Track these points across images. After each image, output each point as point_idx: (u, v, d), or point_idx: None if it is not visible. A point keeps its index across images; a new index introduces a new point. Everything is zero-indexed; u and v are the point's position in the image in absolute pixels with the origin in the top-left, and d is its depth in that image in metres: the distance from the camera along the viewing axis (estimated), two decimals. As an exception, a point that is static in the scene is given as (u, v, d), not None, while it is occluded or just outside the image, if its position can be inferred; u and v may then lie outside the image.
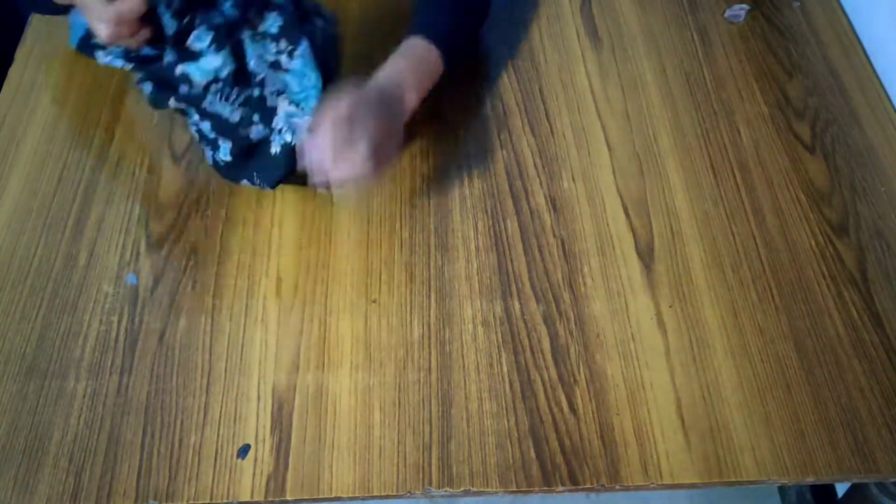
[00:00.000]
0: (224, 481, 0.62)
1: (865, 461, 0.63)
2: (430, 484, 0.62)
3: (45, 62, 0.88)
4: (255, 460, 0.63)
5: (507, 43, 0.91)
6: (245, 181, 0.76)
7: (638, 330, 0.69)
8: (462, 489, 0.62)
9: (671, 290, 0.72)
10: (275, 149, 0.72)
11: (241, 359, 0.68)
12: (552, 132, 0.83)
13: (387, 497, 0.62)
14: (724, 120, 0.84)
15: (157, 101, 0.72)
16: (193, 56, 0.69)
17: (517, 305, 0.71)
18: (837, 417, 0.65)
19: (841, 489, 1.05)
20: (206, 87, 0.70)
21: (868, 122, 0.83)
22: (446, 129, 0.83)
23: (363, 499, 0.62)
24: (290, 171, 0.73)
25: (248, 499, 0.62)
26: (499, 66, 0.89)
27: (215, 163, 0.75)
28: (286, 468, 0.63)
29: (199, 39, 0.69)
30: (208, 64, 0.69)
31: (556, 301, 0.71)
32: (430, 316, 0.70)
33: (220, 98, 0.71)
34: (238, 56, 0.71)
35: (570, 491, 0.62)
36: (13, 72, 0.88)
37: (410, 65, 0.74)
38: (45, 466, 0.63)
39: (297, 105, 0.72)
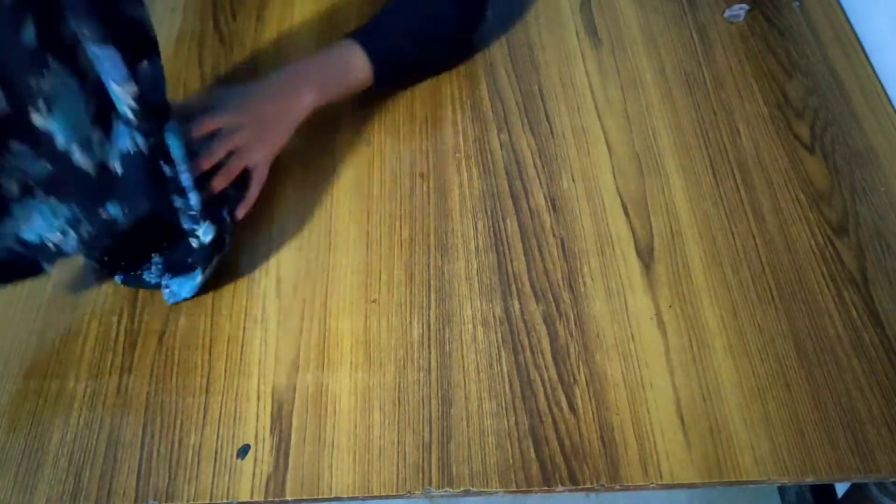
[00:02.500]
0: (224, 481, 0.62)
1: (865, 461, 0.63)
2: (430, 484, 0.62)
3: (44, 62, 0.88)
4: (255, 460, 0.63)
5: (506, 43, 0.91)
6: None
7: (638, 330, 0.69)
8: (462, 489, 0.62)
9: (671, 290, 0.72)
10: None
11: (240, 359, 0.68)
12: (552, 132, 0.83)
13: (387, 497, 0.62)
14: (723, 120, 0.84)
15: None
16: None
17: (517, 305, 0.71)
18: (837, 417, 0.65)
19: (841, 489, 1.05)
20: None
21: (868, 122, 0.83)
22: (446, 129, 0.83)
23: (363, 499, 0.62)
24: None
25: (247, 499, 0.62)
26: (498, 66, 0.89)
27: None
28: (286, 468, 0.63)
29: None
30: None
31: (555, 301, 0.71)
32: (429, 316, 0.70)
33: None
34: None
35: (570, 491, 0.62)
36: (13, 72, 0.88)
37: (321, 63, 0.74)
38: (44, 466, 0.63)
39: None
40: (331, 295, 0.72)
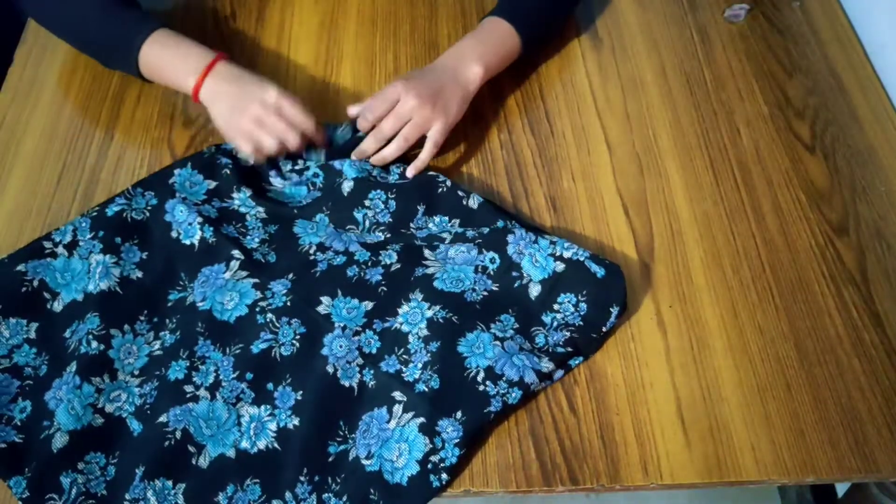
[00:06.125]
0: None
1: (865, 461, 0.62)
2: (430, 484, 0.62)
3: (45, 62, 0.88)
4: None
5: (506, 43, 0.91)
6: None
7: (638, 330, 0.69)
8: (462, 489, 0.62)
9: (671, 290, 0.72)
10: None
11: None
12: (552, 132, 0.83)
13: (387, 497, 0.62)
14: (723, 120, 0.84)
15: None
16: None
17: (517, 305, 0.71)
18: (837, 417, 0.65)
19: (841, 489, 1.05)
20: None
21: (868, 122, 0.83)
22: (446, 128, 0.83)
23: (363, 499, 0.62)
24: None
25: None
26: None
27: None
28: (286, 468, 0.63)
29: None
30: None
31: (556, 301, 0.71)
32: (430, 316, 0.70)
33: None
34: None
35: (570, 491, 0.62)
36: (13, 72, 0.88)
37: (478, 40, 0.80)
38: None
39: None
40: (331, 295, 0.72)
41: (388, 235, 0.73)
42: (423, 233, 0.73)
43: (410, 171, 0.76)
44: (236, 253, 0.70)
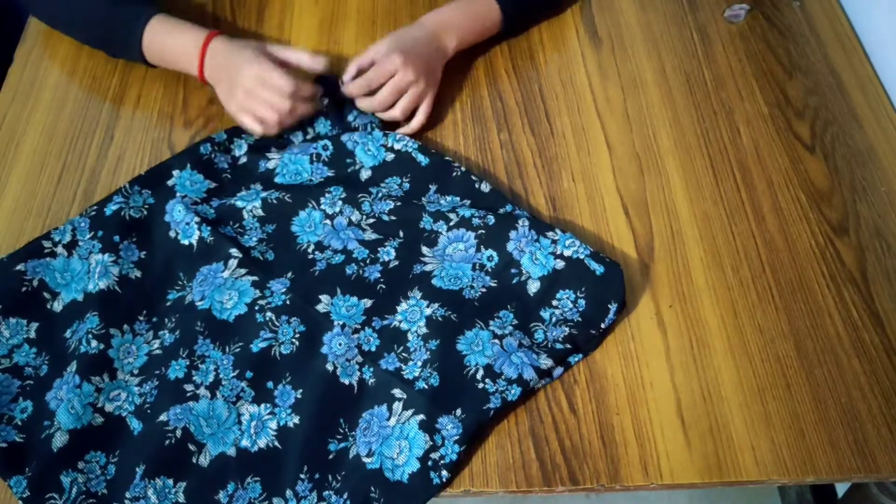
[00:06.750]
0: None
1: (865, 461, 0.62)
2: (430, 484, 0.62)
3: (44, 62, 0.88)
4: (255, 460, 0.63)
5: (506, 43, 0.91)
6: None
7: (638, 330, 0.69)
8: (462, 489, 0.62)
9: (671, 290, 0.72)
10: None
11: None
12: (552, 132, 0.83)
13: (387, 497, 0.62)
14: (723, 120, 0.84)
15: None
16: None
17: (517, 305, 0.71)
18: (837, 417, 0.65)
19: (841, 489, 1.05)
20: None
21: (868, 122, 0.83)
22: (446, 129, 0.83)
23: (363, 499, 0.62)
24: None
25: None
26: (499, 66, 0.88)
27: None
28: (286, 468, 0.63)
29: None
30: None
31: (556, 301, 0.71)
32: (429, 316, 0.70)
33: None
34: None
35: (570, 491, 0.62)
36: (13, 72, 0.88)
37: (460, 11, 0.83)
38: None
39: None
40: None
41: (399, 205, 0.73)
42: (432, 206, 0.73)
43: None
44: (234, 251, 0.70)
